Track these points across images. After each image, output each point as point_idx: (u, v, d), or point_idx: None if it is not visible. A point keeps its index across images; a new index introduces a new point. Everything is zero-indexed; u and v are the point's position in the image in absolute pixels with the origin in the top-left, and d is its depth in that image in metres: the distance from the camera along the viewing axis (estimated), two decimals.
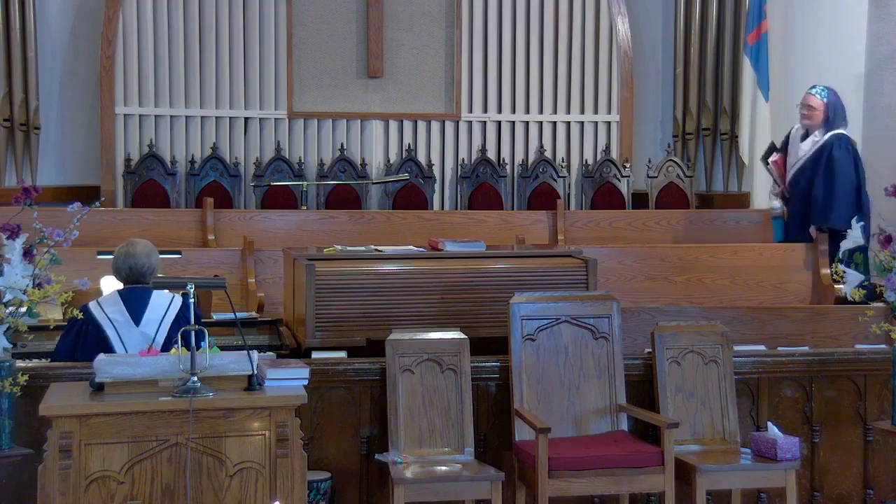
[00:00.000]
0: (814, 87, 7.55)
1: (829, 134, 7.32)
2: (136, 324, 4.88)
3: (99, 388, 4.25)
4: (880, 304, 5.65)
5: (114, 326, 4.86)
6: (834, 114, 7.36)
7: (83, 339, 4.89)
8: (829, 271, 7.09)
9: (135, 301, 4.90)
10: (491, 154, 9.36)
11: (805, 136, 7.55)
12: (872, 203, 7.18)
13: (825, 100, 7.36)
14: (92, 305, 4.94)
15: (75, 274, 4.97)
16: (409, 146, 9.25)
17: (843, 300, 5.58)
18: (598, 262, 5.87)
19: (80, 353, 4.87)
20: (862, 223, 5.57)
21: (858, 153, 7.43)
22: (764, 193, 9.22)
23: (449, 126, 9.35)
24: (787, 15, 9.12)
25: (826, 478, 5.57)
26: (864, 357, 5.65)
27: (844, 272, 5.39)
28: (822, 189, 7.30)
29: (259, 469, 4.22)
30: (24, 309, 4.56)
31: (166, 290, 4.98)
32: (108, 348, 4.82)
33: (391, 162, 9.25)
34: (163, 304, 4.91)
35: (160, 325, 4.88)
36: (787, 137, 7.74)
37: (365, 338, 5.54)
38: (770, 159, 7.74)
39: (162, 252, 5.41)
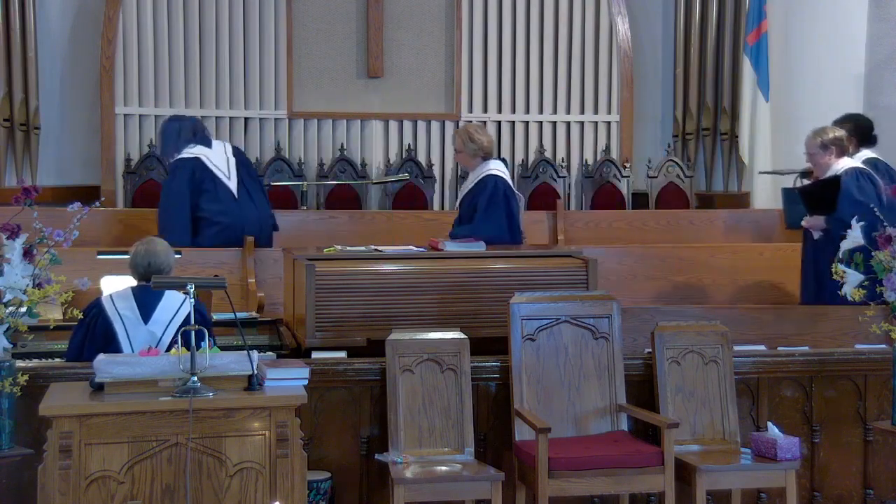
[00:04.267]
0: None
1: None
2: (145, 322, 4.88)
3: (99, 388, 4.26)
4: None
5: (122, 322, 4.86)
6: (164, 144, 7.32)
7: (92, 331, 4.90)
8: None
9: (147, 299, 4.90)
10: None
11: None
12: None
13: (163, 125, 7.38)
14: (104, 299, 4.96)
15: (75, 274, 4.96)
16: (409, 146, 9.25)
17: (843, 300, 5.58)
18: (598, 262, 5.87)
19: (88, 345, 4.88)
20: (862, 223, 5.54)
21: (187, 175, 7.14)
22: (764, 193, 9.23)
23: (449, 126, 9.35)
24: (787, 15, 9.13)
25: (826, 478, 5.57)
26: (864, 357, 5.65)
27: (844, 272, 5.38)
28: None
29: (259, 469, 4.23)
30: (24, 309, 4.56)
31: (178, 292, 4.97)
32: (115, 343, 4.82)
33: (391, 162, 9.25)
34: (173, 306, 4.91)
35: (168, 325, 4.88)
36: None
37: (365, 338, 5.54)
38: None
39: None
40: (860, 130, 7.10)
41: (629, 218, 8.43)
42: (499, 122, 9.44)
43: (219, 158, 7.17)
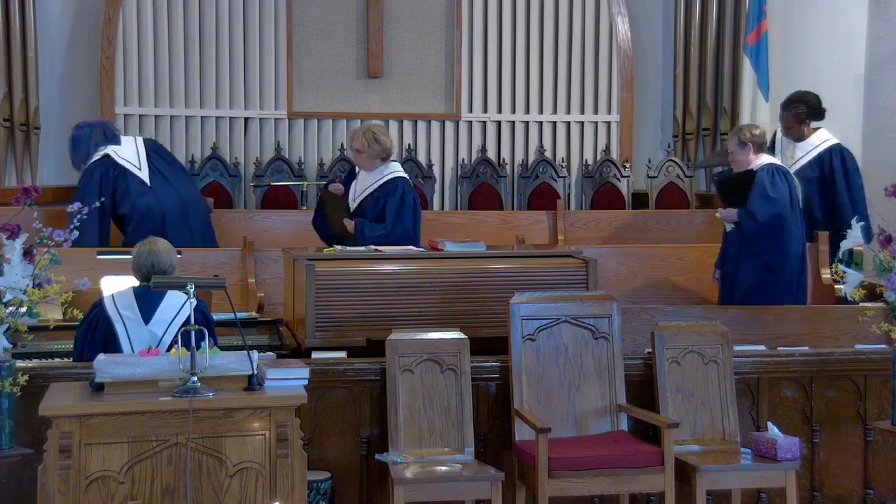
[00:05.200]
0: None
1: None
2: (146, 322, 4.88)
3: (99, 388, 4.26)
4: (879, 305, 5.67)
5: (123, 323, 4.86)
6: (75, 151, 7.35)
7: (92, 331, 4.89)
8: (829, 271, 7.11)
9: (148, 300, 4.89)
10: (491, 154, 9.37)
11: None
12: None
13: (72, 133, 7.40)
14: (106, 299, 4.95)
15: (75, 274, 4.97)
16: (409, 146, 9.25)
17: (843, 300, 5.58)
18: (598, 262, 5.87)
19: (89, 345, 4.88)
20: (862, 223, 5.55)
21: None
22: None
23: (449, 126, 9.35)
24: (787, 15, 9.12)
25: (826, 478, 5.58)
26: (864, 357, 5.65)
27: (844, 272, 5.38)
28: None
29: (259, 469, 4.23)
30: (24, 309, 4.56)
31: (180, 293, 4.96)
32: (116, 343, 4.82)
33: None
34: (175, 306, 4.90)
35: (169, 325, 4.88)
36: None
37: (365, 338, 5.55)
38: None
39: None
40: (812, 108, 7.59)
41: (629, 218, 8.43)
42: (499, 122, 9.44)
43: (128, 152, 7.24)
